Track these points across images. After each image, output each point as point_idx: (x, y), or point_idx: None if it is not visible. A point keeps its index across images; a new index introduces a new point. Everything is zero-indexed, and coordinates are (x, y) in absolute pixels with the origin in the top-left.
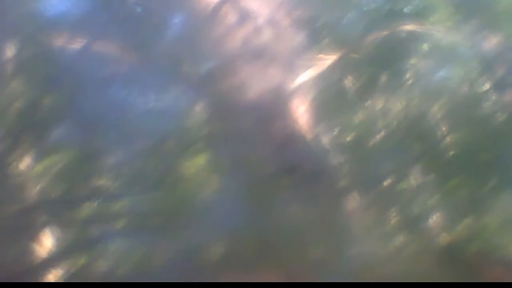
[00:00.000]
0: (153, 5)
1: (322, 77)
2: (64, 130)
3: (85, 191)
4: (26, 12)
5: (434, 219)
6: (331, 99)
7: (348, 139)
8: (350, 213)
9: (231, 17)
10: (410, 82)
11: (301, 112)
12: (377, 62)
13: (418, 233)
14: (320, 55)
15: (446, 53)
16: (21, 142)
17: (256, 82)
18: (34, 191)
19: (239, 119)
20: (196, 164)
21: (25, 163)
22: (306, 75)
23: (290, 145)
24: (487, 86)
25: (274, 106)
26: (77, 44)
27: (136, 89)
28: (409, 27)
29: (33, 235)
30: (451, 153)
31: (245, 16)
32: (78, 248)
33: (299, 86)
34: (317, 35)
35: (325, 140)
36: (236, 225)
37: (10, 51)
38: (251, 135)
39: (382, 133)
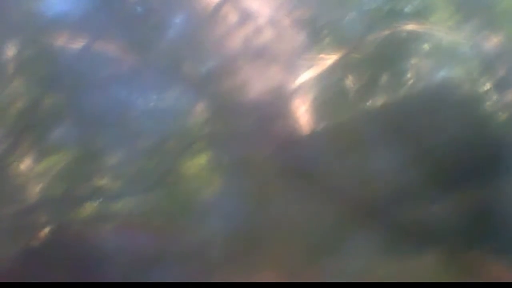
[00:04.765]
0: (154, 5)
1: (322, 77)
2: (64, 130)
3: (86, 191)
4: (26, 12)
5: None
6: (331, 99)
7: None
8: (350, 213)
9: (232, 17)
10: (411, 82)
11: (301, 111)
12: (378, 62)
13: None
14: (321, 55)
15: (446, 53)
16: (22, 142)
17: (256, 82)
18: (35, 191)
19: (239, 119)
20: (197, 163)
21: (25, 163)
22: (306, 75)
23: (290, 145)
24: (487, 86)
25: (275, 105)
26: (77, 44)
27: (137, 89)
28: (409, 27)
29: (33, 235)
30: (452, 152)
31: (245, 16)
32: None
33: (300, 86)
34: (317, 35)
35: (326, 139)
36: (236, 224)
37: (10, 51)
38: (252, 135)
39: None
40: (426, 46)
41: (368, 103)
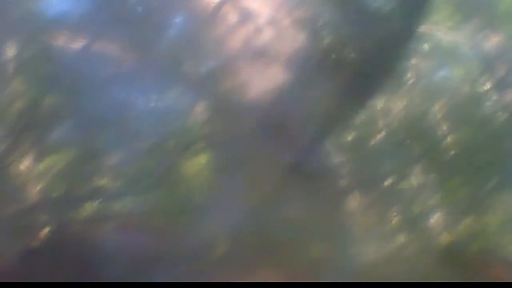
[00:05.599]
0: (154, 5)
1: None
2: (64, 130)
3: (86, 191)
4: (26, 12)
5: (435, 219)
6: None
7: (348, 138)
8: (350, 212)
9: (232, 17)
10: (410, 82)
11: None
12: (378, 62)
13: (419, 233)
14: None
15: (446, 53)
16: (22, 142)
17: (256, 82)
18: (34, 191)
19: (239, 119)
20: (197, 164)
21: (25, 163)
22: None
23: (290, 145)
24: (487, 85)
25: (275, 106)
26: (77, 44)
27: (137, 89)
28: None
29: (33, 235)
30: (452, 152)
31: (245, 16)
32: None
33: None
34: (317, 35)
35: (326, 139)
36: (237, 225)
37: (10, 51)
38: (252, 135)
39: (383, 132)
40: (426, 46)
41: (368, 103)
